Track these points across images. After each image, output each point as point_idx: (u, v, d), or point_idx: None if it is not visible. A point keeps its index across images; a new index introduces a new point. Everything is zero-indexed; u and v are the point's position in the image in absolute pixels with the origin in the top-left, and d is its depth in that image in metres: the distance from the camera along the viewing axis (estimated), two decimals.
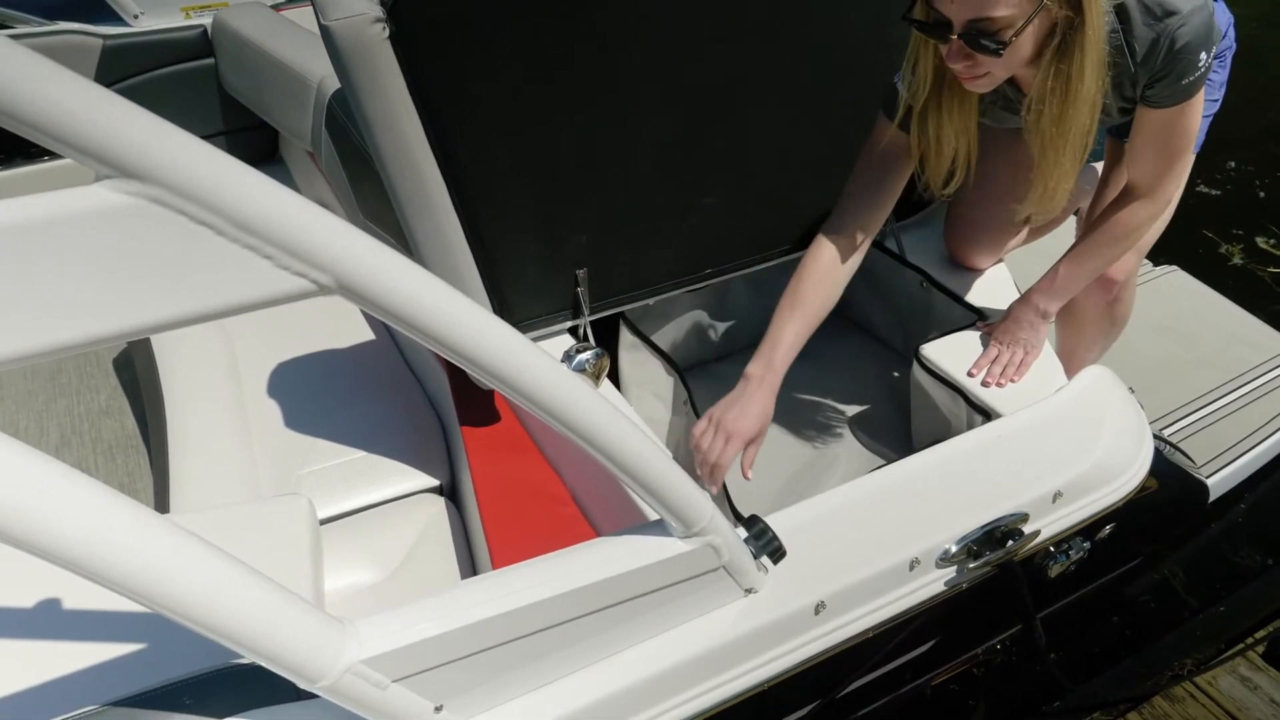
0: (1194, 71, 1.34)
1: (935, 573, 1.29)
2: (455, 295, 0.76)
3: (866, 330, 2.13)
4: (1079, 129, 1.35)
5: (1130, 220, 1.52)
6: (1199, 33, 1.30)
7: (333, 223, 0.69)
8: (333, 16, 1.17)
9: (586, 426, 0.85)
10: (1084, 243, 1.56)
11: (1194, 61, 1.32)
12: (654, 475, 0.93)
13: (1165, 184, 1.49)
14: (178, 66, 2.69)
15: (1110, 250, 1.55)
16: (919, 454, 1.38)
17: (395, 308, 0.73)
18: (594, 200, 1.55)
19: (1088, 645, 2.08)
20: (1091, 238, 1.55)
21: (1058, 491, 1.37)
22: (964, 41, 1.24)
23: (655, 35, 1.44)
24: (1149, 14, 1.29)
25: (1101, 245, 1.55)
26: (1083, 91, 1.30)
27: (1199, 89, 1.38)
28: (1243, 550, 2.27)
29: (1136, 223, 1.53)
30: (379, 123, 1.27)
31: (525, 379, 0.80)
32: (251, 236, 0.66)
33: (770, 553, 1.12)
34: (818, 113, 1.69)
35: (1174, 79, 1.34)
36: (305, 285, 0.70)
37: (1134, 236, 1.54)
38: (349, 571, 1.60)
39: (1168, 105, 1.39)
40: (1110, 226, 1.54)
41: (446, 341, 0.76)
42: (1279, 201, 3.48)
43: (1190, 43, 1.30)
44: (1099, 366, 1.57)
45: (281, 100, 2.39)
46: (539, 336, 1.64)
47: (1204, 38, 1.31)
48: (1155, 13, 1.28)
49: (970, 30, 1.23)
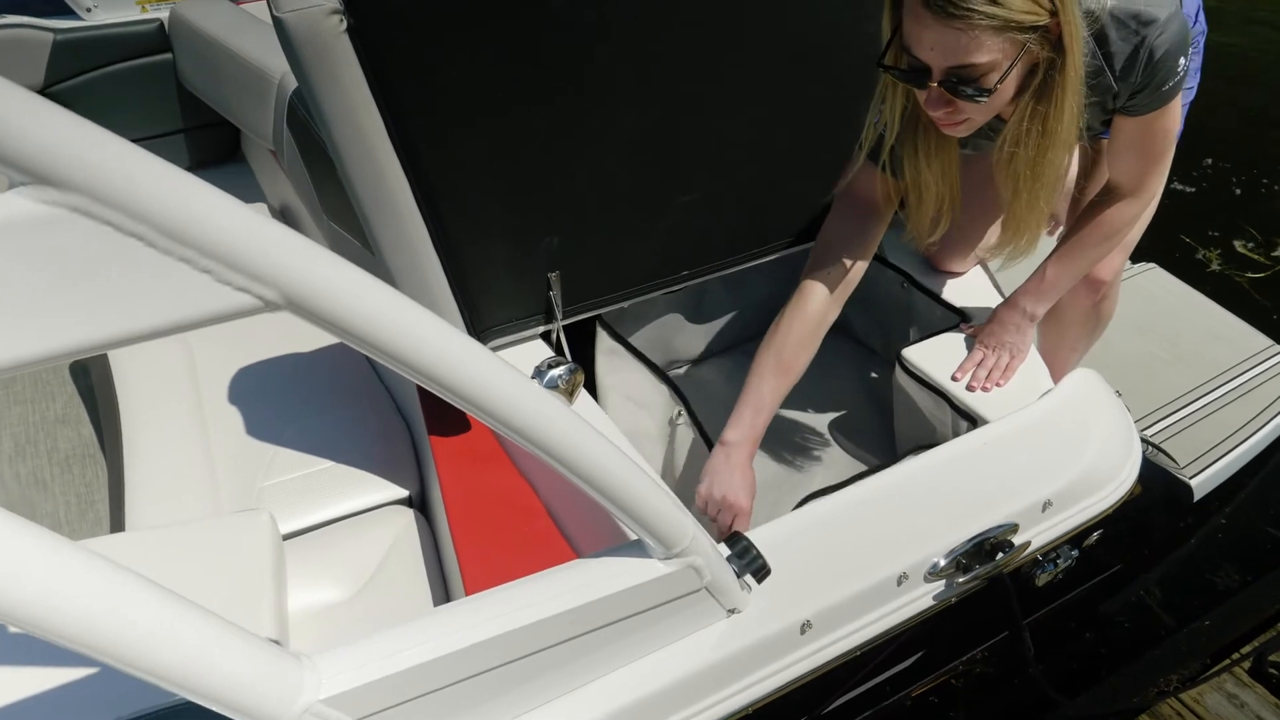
0: (1173, 77, 1.31)
1: (923, 587, 1.24)
2: (415, 311, 0.70)
3: (844, 332, 2.09)
4: (1054, 171, 1.31)
5: (1117, 218, 1.49)
6: (1176, 39, 1.26)
7: (279, 233, 0.63)
8: (286, 8, 1.10)
9: (561, 448, 0.79)
10: (1070, 243, 1.53)
11: (1173, 68, 1.29)
12: (633, 497, 0.88)
13: (1148, 181, 1.46)
14: (133, 62, 2.60)
15: (1098, 249, 1.52)
16: (904, 462, 1.33)
17: (349, 324, 0.67)
18: (566, 199, 1.49)
19: (1069, 658, 2.05)
20: (1078, 237, 1.51)
21: (1047, 500, 1.33)
22: (944, 89, 1.17)
23: (627, 25, 1.38)
24: (1124, 27, 1.24)
25: (1088, 245, 1.51)
26: (1060, 134, 1.24)
27: (1178, 92, 1.35)
28: (1223, 564, 2.24)
29: (1123, 220, 1.49)
30: (338, 121, 1.20)
31: (493, 399, 0.74)
32: (186, 248, 0.60)
33: (754, 571, 1.07)
34: (798, 106, 1.64)
35: (1154, 88, 1.31)
36: (249, 301, 0.63)
37: (1121, 234, 1.51)
38: (314, 589, 1.53)
39: (1146, 112, 1.36)
40: (1096, 225, 1.50)
41: (406, 361, 0.70)
42: (1256, 200, 3.46)
43: (1169, 50, 1.26)
44: (1086, 370, 1.54)
45: (241, 97, 2.31)
46: (510, 343, 1.58)
47: (1181, 42, 1.27)
48: (1130, 25, 1.24)
49: (950, 78, 1.15)
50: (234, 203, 0.62)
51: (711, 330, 2.01)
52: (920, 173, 1.36)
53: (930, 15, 1.10)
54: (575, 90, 1.39)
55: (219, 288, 0.62)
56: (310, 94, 1.18)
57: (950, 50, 1.12)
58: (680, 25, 1.42)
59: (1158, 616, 2.10)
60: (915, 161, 1.35)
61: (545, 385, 0.79)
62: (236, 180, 2.75)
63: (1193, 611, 2.08)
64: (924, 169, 1.35)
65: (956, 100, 1.18)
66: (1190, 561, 2.22)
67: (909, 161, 1.36)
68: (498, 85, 1.31)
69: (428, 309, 0.71)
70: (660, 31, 1.41)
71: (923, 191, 1.39)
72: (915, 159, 1.35)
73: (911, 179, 1.38)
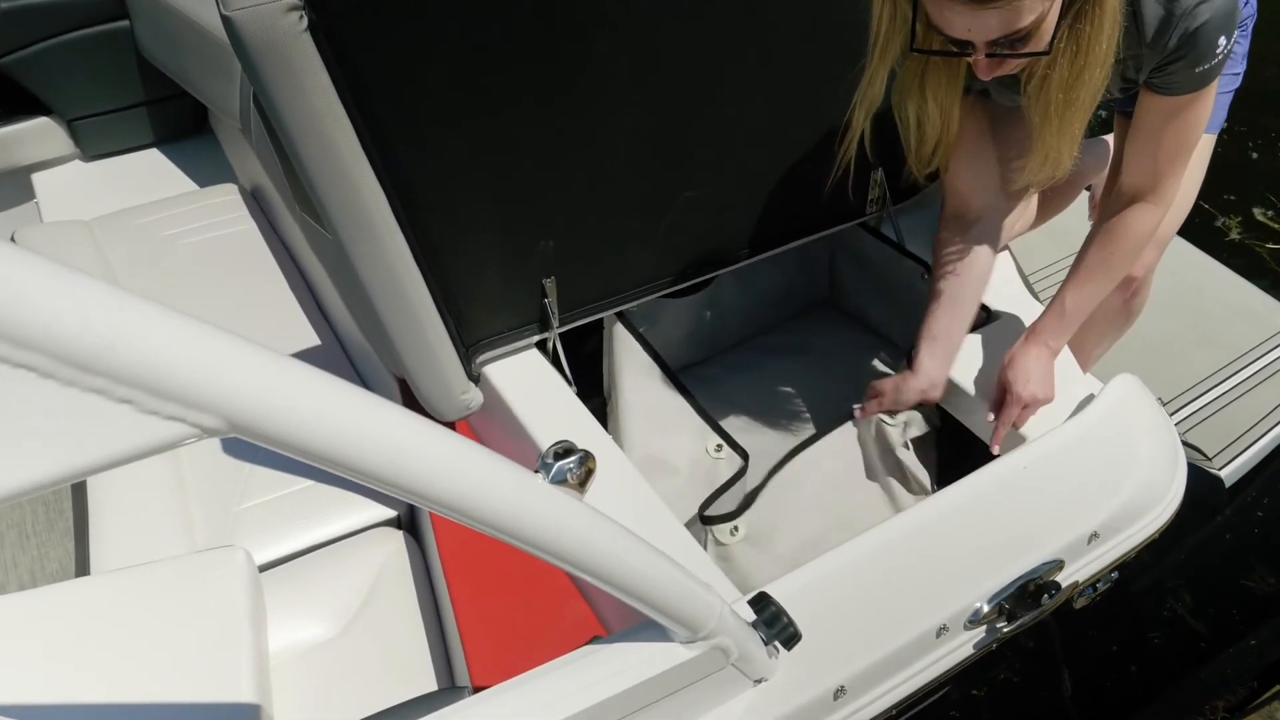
0: (1210, 58, 1.17)
1: (964, 635, 1.14)
2: (389, 418, 0.58)
3: (861, 321, 1.97)
4: (1090, 91, 1.18)
5: (1132, 229, 1.36)
6: (1220, 15, 1.13)
7: (214, 344, 0.50)
8: (236, 5, 0.95)
9: (578, 556, 0.68)
10: (1085, 263, 1.40)
11: (1211, 47, 1.16)
12: (658, 588, 0.77)
13: (1166, 182, 1.32)
14: (89, 30, 2.40)
15: (1117, 268, 1.39)
16: (938, 494, 1.22)
17: (307, 447, 0.54)
18: (560, 201, 1.36)
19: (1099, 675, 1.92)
20: (1093, 255, 1.39)
21: (1094, 532, 1.22)
22: (992, 59, 1.11)
23: (624, 13, 1.23)
24: None
25: (1106, 264, 1.39)
26: (1097, 52, 1.13)
27: (1214, 78, 1.21)
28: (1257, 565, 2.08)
29: (1140, 232, 1.36)
30: (301, 131, 1.05)
31: (500, 515, 0.62)
32: (95, 376, 0.47)
33: (784, 641, 0.96)
34: (805, 94, 1.50)
35: (1187, 64, 1.18)
36: (184, 431, 0.51)
37: (1138, 248, 1.38)
38: (297, 626, 1.42)
39: (1177, 93, 1.23)
40: (1111, 240, 1.37)
41: (386, 480, 0.57)
42: (1273, 161, 3.30)
43: (1210, 23, 1.13)
44: (1127, 376, 1.42)
45: (204, 71, 2.14)
46: (503, 354, 1.46)
47: (1226, 20, 1.14)
48: None
49: (998, 49, 1.09)
50: (152, 308, 0.49)
51: (722, 326, 1.89)
52: (925, 110, 1.31)
53: (962, 4, 1.04)
54: (573, 84, 1.25)
55: (144, 419, 0.49)
56: (269, 103, 1.03)
57: (992, 28, 1.06)
58: (683, 14, 1.27)
59: (1192, 628, 1.97)
60: (921, 100, 1.30)
61: (553, 480, 0.67)
62: (204, 157, 2.58)
63: (1229, 622, 1.96)
64: (928, 106, 1.30)
65: (1007, 61, 1.12)
66: (1221, 565, 2.10)
67: (913, 101, 1.31)
68: (486, 81, 1.17)
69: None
70: (663, 19, 1.26)
71: (925, 129, 1.33)
72: (921, 98, 1.30)
73: (915, 118, 1.33)
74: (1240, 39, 1.48)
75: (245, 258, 2.14)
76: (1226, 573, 2.06)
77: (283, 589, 1.45)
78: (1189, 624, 1.94)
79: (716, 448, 1.50)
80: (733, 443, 1.50)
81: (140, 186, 2.46)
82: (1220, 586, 2.04)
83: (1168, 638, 1.94)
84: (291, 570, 1.49)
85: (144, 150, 2.62)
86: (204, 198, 2.32)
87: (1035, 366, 1.41)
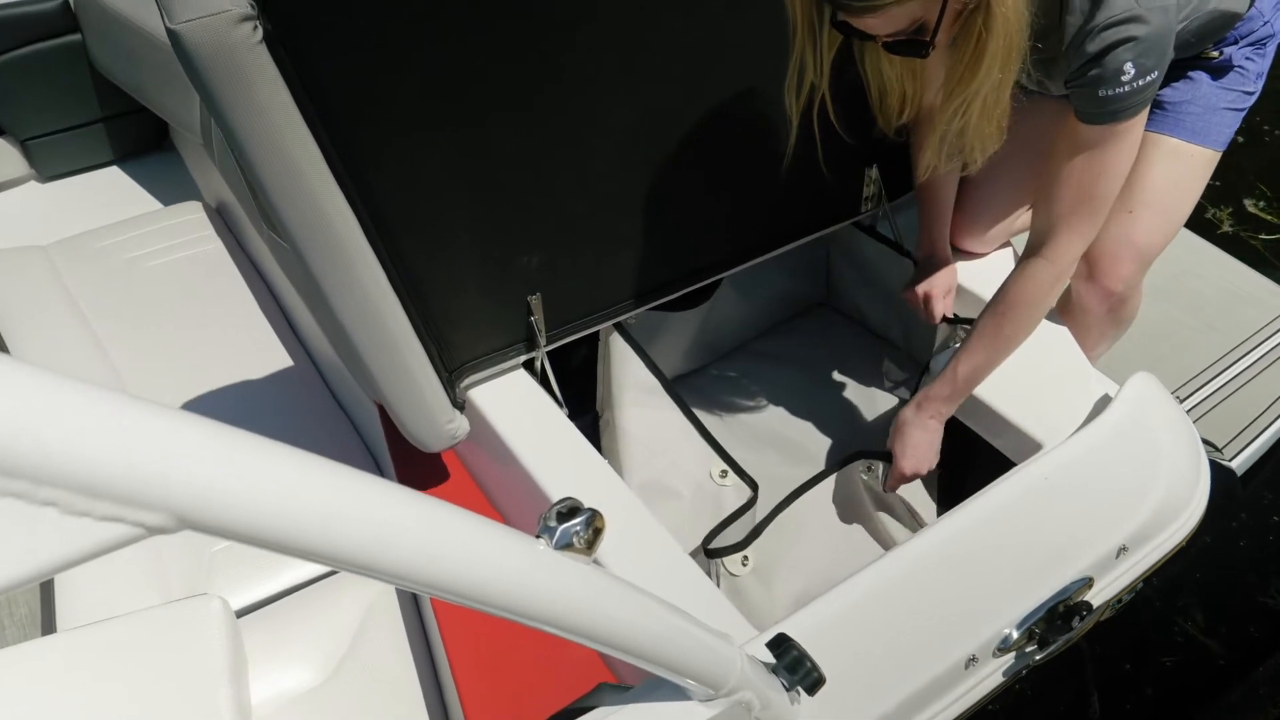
0: (1114, 85, 1.08)
1: (993, 664, 1.07)
2: (380, 496, 0.50)
3: (858, 322, 1.90)
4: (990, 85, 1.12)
5: (1023, 294, 1.28)
6: (1144, 43, 1.05)
7: (154, 425, 0.42)
8: (182, 18, 0.86)
9: (589, 629, 0.60)
10: (978, 328, 1.33)
11: (1116, 73, 1.07)
12: (676, 650, 0.69)
13: (1060, 240, 1.23)
14: (39, 45, 2.29)
15: (1009, 338, 1.32)
16: (955, 512, 1.15)
17: (280, 539, 0.46)
18: (544, 212, 1.28)
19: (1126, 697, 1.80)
20: (986, 320, 1.32)
21: (1122, 546, 1.15)
22: (889, 50, 1.12)
23: (608, 5, 1.15)
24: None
25: (997, 332, 1.31)
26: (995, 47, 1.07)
27: (1121, 116, 1.11)
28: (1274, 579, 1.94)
29: (1030, 296, 1.28)
30: (260, 151, 0.96)
31: (508, 595, 0.55)
32: (11, 479, 0.38)
33: (807, 687, 0.89)
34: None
35: (1090, 85, 1.10)
36: (124, 532, 0.43)
37: (1032, 315, 1.30)
38: (282, 674, 1.33)
39: (1089, 120, 1.14)
40: (1002, 303, 1.30)
41: (363, 567, 0.50)
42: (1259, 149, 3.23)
43: (1117, 44, 1.05)
44: (1144, 374, 1.35)
45: (161, 85, 2.04)
46: (488, 376, 1.38)
47: (1141, 47, 1.05)
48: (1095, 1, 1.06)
49: (892, 44, 1.10)
50: (77, 388, 0.40)
51: (718, 333, 1.82)
52: (882, 73, 1.30)
53: (843, 10, 1.04)
54: (554, 86, 1.17)
55: (74, 522, 0.41)
56: (224, 123, 0.95)
57: (876, 26, 1.06)
58: (672, 9, 1.19)
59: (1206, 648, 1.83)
60: (876, 64, 1.29)
61: (557, 545, 0.59)
62: (166, 174, 2.48)
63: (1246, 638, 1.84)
64: (885, 70, 1.29)
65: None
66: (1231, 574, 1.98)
67: (870, 65, 1.29)
68: (460, 86, 1.09)
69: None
70: (649, 14, 1.18)
71: (885, 92, 1.32)
72: (876, 61, 1.28)
73: (874, 79, 1.31)
74: (1257, 56, 1.40)
75: (213, 278, 2.05)
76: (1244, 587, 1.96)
77: (264, 634, 1.36)
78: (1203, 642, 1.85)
79: (722, 474, 1.43)
80: (740, 470, 1.43)
81: (100, 207, 2.35)
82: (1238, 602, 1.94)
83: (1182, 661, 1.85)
84: (273, 613, 1.40)
85: (103, 169, 2.52)
86: (167, 217, 2.22)
87: (920, 437, 1.37)
